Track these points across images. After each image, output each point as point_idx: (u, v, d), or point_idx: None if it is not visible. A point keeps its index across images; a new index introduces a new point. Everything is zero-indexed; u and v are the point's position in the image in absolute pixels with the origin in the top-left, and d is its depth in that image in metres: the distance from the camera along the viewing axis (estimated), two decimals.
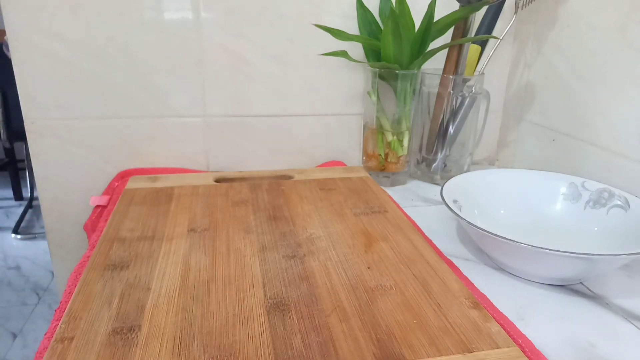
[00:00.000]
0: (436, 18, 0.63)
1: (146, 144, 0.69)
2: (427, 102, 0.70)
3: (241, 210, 0.57)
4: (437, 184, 0.72)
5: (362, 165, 0.75)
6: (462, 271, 0.48)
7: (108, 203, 0.63)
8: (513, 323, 0.40)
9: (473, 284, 0.46)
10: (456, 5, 0.63)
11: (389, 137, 0.69)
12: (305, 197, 0.61)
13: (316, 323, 0.38)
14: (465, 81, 0.67)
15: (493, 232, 0.44)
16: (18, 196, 2.38)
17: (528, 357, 0.36)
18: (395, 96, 0.68)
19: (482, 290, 0.45)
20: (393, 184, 0.71)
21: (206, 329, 0.37)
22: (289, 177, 0.67)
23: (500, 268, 0.50)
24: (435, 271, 0.45)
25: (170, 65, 0.66)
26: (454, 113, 0.68)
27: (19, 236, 2.06)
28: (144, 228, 0.52)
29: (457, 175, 0.58)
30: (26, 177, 2.37)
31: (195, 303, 0.40)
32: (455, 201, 0.53)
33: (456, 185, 0.56)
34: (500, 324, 0.38)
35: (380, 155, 0.70)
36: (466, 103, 0.68)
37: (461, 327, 0.38)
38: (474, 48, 0.68)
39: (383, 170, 0.71)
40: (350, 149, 0.76)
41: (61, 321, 0.37)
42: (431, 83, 0.70)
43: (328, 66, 0.71)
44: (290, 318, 0.38)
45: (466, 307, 0.40)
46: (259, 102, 0.71)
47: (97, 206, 0.64)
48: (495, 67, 0.77)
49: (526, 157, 0.76)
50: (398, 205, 0.60)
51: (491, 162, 0.84)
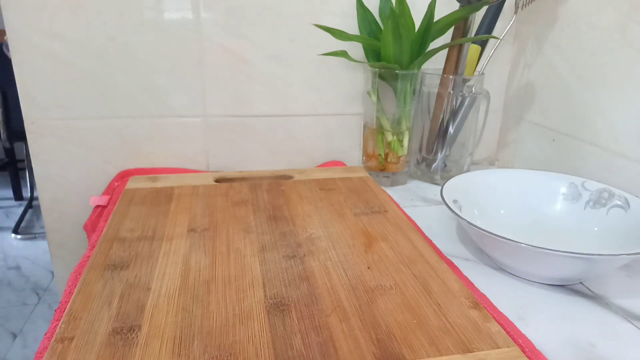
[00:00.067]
0: (436, 18, 0.63)
1: (146, 144, 0.69)
2: (427, 102, 0.70)
3: (241, 210, 0.57)
4: (437, 184, 0.72)
5: (362, 165, 0.75)
6: (462, 271, 0.48)
7: (108, 203, 0.63)
8: (513, 323, 0.40)
9: (473, 284, 0.46)
10: (456, 5, 0.63)
11: (389, 137, 0.69)
12: (305, 197, 0.61)
13: (316, 323, 0.38)
14: (465, 81, 0.67)
15: (493, 232, 0.44)
16: (18, 196, 2.38)
17: (528, 357, 0.36)
18: (395, 96, 0.68)
19: (482, 290, 0.45)
20: (393, 184, 0.71)
21: (206, 329, 0.37)
22: (289, 177, 0.67)
23: (500, 268, 0.50)
24: (435, 271, 0.45)
25: (170, 65, 0.66)
26: (454, 113, 0.68)
27: (19, 236, 2.06)
28: (144, 228, 0.52)
29: (457, 175, 0.58)
30: (26, 177, 2.37)
31: (195, 303, 0.40)
32: (455, 201, 0.53)
33: (456, 185, 0.56)
34: (500, 324, 0.38)
35: (380, 155, 0.70)
36: (466, 103, 0.68)
37: (461, 327, 0.38)
38: (474, 48, 0.68)
39: (383, 170, 0.71)
40: (350, 149, 0.76)
41: (61, 321, 0.37)
42: (431, 83, 0.70)
43: (328, 66, 0.71)
44: (290, 318, 0.38)
45: (466, 307, 0.40)
46: (259, 102, 0.71)
47: (97, 206, 0.64)
48: (495, 67, 0.77)
49: (526, 157, 0.76)
50: (398, 205, 0.60)
51: (491, 162, 0.84)
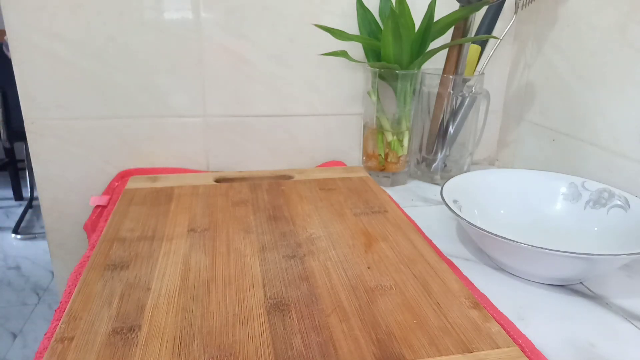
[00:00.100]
0: (436, 18, 0.63)
1: (146, 144, 0.69)
2: (427, 102, 0.70)
3: (241, 210, 0.57)
4: (437, 184, 0.72)
5: (362, 165, 0.75)
6: (462, 271, 0.48)
7: (108, 203, 0.63)
8: (513, 323, 0.40)
9: (473, 284, 0.46)
10: (456, 5, 0.63)
11: (389, 137, 0.69)
12: (305, 197, 0.61)
13: (316, 323, 0.38)
14: (465, 81, 0.67)
15: (493, 232, 0.44)
16: (18, 196, 2.38)
17: (528, 357, 0.36)
18: (395, 96, 0.68)
19: (482, 290, 0.45)
20: (393, 184, 0.71)
21: (206, 329, 0.37)
22: (289, 177, 0.67)
23: (500, 268, 0.50)
24: (435, 271, 0.45)
25: (170, 65, 0.66)
26: (454, 113, 0.68)
27: (19, 236, 2.06)
28: (144, 228, 0.52)
29: (457, 175, 0.58)
30: (26, 177, 2.37)
31: (195, 303, 0.40)
32: (455, 201, 0.53)
33: (456, 185, 0.56)
34: (500, 324, 0.38)
35: (380, 155, 0.70)
36: (466, 103, 0.68)
37: (461, 327, 0.38)
38: (474, 48, 0.68)
39: (383, 170, 0.71)
40: (350, 149, 0.76)
41: (61, 321, 0.37)
42: (431, 83, 0.70)
43: (328, 66, 0.71)
44: (290, 318, 0.38)
45: (466, 307, 0.40)
46: (259, 102, 0.71)
47: (97, 206, 0.64)
48: (495, 67, 0.77)
49: (526, 157, 0.76)
50: (398, 205, 0.60)
51: (491, 162, 0.84)
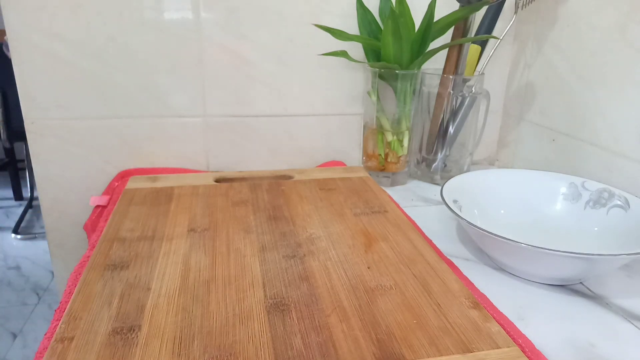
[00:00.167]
0: (436, 18, 0.63)
1: (146, 144, 0.69)
2: (427, 102, 0.70)
3: (241, 210, 0.57)
4: (437, 184, 0.72)
5: (362, 165, 0.75)
6: (462, 271, 0.48)
7: (108, 203, 0.63)
8: (513, 323, 0.40)
9: (473, 284, 0.46)
10: (456, 5, 0.63)
11: (389, 137, 0.69)
12: (305, 197, 0.61)
13: (316, 323, 0.38)
14: (465, 81, 0.67)
15: (493, 232, 0.44)
16: (18, 196, 2.38)
17: (528, 357, 0.36)
18: (395, 96, 0.68)
19: (482, 290, 0.45)
20: (393, 184, 0.71)
21: (206, 329, 0.37)
22: (289, 177, 0.67)
23: (500, 268, 0.50)
24: (435, 271, 0.45)
25: (170, 65, 0.66)
26: (454, 113, 0.68)
27: (19, 236, 2.06)
28: (144, 228, 0.52)
29: (457, 175, 0.58)
30: (26, 177, 2.37)
31: (195, 303, 0.40)
32: (455, 201, 0.53)
33: (456, 185, 0.56)
34: (500, 324, 0.38)
35: (380, 155, 0.70)
36: (466, 103, 0.68)
37: (461, 327, 0.38)
38: (474, 48, 0.68)
39: (383, 170, 0.71)
40: (350, 149, 0.76)
41: (61, 321, 0.37)
42: (431, 83, 0.70)
43: (328, 66, 0.71)
44: (290, 318, 0.38)
45: (466, 307, 0.40)
46: (259, 102, 0.71)
47: (97, 206, 0.64)
48: (495, 67, 0.77)
49: (526, 157, 0.76)
50: (398, 205, 0.60)
51: (491, 162, 0.84)
